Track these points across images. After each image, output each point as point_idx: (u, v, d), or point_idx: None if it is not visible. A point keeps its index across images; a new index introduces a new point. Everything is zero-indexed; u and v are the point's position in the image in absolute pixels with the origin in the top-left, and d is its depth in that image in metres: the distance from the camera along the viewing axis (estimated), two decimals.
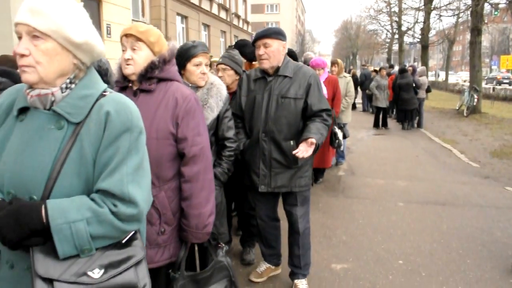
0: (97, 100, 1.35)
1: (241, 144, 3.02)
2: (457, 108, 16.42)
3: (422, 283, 3.35)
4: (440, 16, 22.34)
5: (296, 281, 3.19)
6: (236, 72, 3.41)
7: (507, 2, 18.04)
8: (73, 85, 1.35)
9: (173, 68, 2.17)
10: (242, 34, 32.09)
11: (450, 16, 23.78)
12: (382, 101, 11.95)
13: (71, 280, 1.22)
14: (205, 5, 23.57)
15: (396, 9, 31.46)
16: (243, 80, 3.16)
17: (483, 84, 21.92)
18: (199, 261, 2.69)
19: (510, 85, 32.74)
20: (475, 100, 14.63)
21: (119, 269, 1.28)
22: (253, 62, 4.06)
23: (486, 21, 18.95)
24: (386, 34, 38.52)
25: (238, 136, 3.01)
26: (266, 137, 2.96)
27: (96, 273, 1.25)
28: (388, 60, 38.30)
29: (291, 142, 2.92)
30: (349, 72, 16.17)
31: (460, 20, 27.31)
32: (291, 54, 4.30)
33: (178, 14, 20.22)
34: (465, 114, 14.87)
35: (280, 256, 3.42)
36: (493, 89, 24.25)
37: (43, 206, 1.22)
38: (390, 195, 5.76)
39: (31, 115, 1.34)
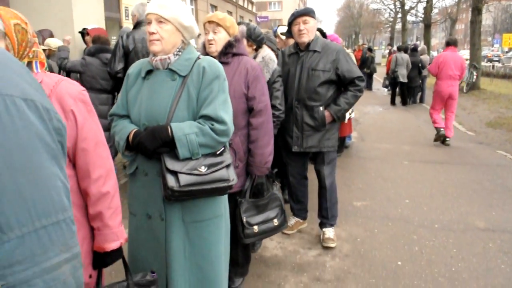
0: (195, 61, 2.03)
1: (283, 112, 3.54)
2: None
3: (424, 214, 4.33)
4: None
5: (324, 229, 3.68)
6: (272, 50, 4.19)
7: None
8: (180, 53, 2.01)
9: (242, 46, 2.98)
10: (247, 14, 32.62)
11: None
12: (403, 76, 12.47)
13: (187, 172, 1.87)
14: None
15: None
16: (278, 55, 3.66)
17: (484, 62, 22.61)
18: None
19: (499, 62, 33.04)
20: (475, 77, 15.47)
21: (216, 168, 1.93)
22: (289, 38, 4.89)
23: (488, 0, 19.63)
24: (389, 13, 38.91)
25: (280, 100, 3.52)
26: (299, 104, 3.45)
27: (203, 169, 1.90)
28: (391, 39, 38.74)
29: (321, 108, 3.42)
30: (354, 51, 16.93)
31: None
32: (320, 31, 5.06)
33: None
34: (464, 91, 15.70)
35: (307, 211, 3.92)
36: (493, 66, 24.89)
37: (168, 126, 1.89)
38: (396, 155, 6.73)
39: (154, 74, 2.02)
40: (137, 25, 4.35)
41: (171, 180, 1.83)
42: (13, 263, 0.75)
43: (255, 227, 2.74)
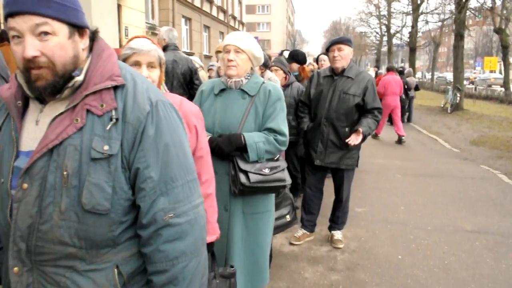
0: (261, 84, 2.52)
1: (305, 124, 3.95)
2: (442, 105, 18.08)
3: (418, 218, 4.88)
4: (427, 22, 23.84)
5: (333, 232, 4.13)
6: (284, 72, 4.77)
7: (489, 8, 19.82)
8: (249, 77, 2.51)
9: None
10: None
11: (436, 22, 25.38)
12: None
13: (256, 172, 2.37)
14: (206, 7, 24.96)
15: (385, 12, 33.13)
16: (314, 76, 4.04)
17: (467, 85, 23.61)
18: None
19: (472, 84, 33.08)
20: (458, 98, 16.34)
21: (276, 170, 2.45)
22: (304, 65, 5.48)
23: (470, 25, 20.73)
24: (375, 36, 40.22)
25: (303, 119, 3.99)
26: (327, 122, 3.78)
27: (267, 171, 2.42)
28: (377, 61, 40.00)
29: (346, 129, 3.73)
30: None
31: (446, 23, 29.04)
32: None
33: (183, 16, 21.56)
34: (449, 111, 16.55)
35: (315, 224, 4.19)
36: (475, 88, 25.98)
37: (242, 135, 2.38)
38: (390, 169, 7.32)
39: (227, 92, 2.50)
40: (165, 48, 4.87)
41: (243, 178, 2.34)
42: (178, 200, 1.20)
43: None
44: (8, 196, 1.14)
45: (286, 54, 5.88)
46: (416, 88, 14.37)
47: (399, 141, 10.09)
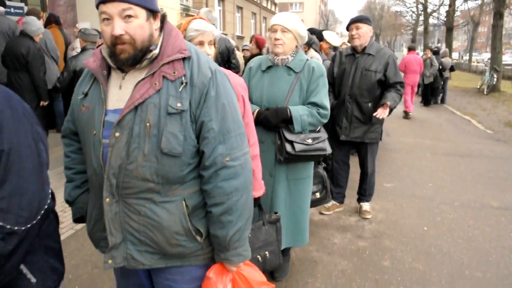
0: (305, 61, 2.75)
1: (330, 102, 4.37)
2: (478, 87, 17.71)
3: (445, 194, 5.04)
4: (466, 0, 23.10)
5: (361, 203, 4.37)
6: (315, 50, 4.84)
7: None
8: (294, 54, 2.73)
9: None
10: (270, 15, 33.31)
11: (475, 0, 24.55)
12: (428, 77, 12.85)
13: (300, 142, 2.63)
14: None
15: None
16: (336, 55, 4.24)
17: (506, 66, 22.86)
18: None
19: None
20: (495, 79, 15.97)
21: (318, 141, 2.70)
22: (322, 42, 5.63)
23: (508, 5, 19.96)
24: (411, 15, 39.21)
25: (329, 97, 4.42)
26: (350, 99, 3.98)
27: (310, 141, 2.67)
28: (413, 41, 39.03)
29: (369, 104, 3.94)
30: None
31: (486, 1, 28.03)
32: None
33: None
34: (485, 93, 16.23)
35: (344, 196, 4.42)
36: None
37: (288, 108, 2.64)
38: (420, 148, 7.43)
39: (274, 69, 2.74)
40: None
41: (288, 147, 2.61)
42: (233, 148, 1.49)
43: None
44: (100, 144, 1.45)
45: (326, 34, 5.97)
46: (452, 69, 14.17)
47: (406, 115, 11.08)
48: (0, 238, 1.19)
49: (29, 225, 1.26)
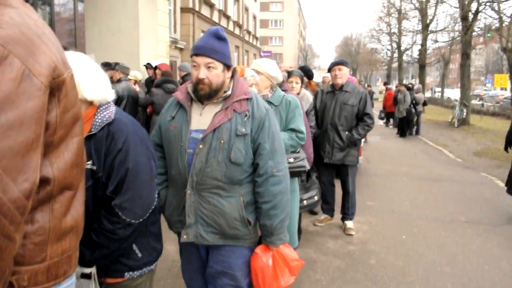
0: (283, 96, 3.49)
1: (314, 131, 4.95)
2: (450, 120, 18.91)
3: (421, 211, 5.78)
4: (436, 41, 24.69)
5: (345, 222, 4.92)
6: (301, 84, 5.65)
7: (495, 29, 20.65)
8: (273, 91, 3.41)
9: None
10: (252, 48, 34.60)
11: (445, 41, 26.20)
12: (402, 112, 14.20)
13: None
14: (223, 22, 26.18)
15: (396, 30, 34.09)
16: (318, 92, 5.02)
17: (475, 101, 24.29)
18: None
19: (481, 100, 33.22)
20: (464, 113, 17.19)
21: (298, 160, 3.41)
22: (311, 80, 6.40)
23: (479, 44, 21.57)
24: (386, 52, 41.13)
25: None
26: (332, 128, 4.70)
27: (292, 160, 3.29)
28: (388, 76, 40.88)
29: (347, 132, 4.66)
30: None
31: (455, 40, 29.81)
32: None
33: (202, 31, 22.74)
34: (456, 126, 17.39)
35: (333, 210, 5.11)
36: (482, 105, 26.67)
37: None
38: (397, 174, 8.23)
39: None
40: None
41: None
42: (278, 162, 2.08)
43: (304, 201, 4.09)
44: (185, 153, 2.08)
45: (315, 74, 6.75)
46: (424, 104, 15.30)
47: None
48: (122, 227, 1.71)
49: (141, 220, 1.76)
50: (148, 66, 7.90)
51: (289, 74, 4.87)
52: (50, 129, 1.12)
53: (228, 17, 27.10)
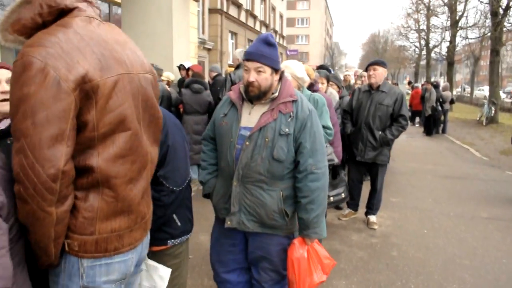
0: (310, 95, 3.77)
1: (348, 129, 5.22)
2: (478, 118, 18.75)
3: (443, 207, 5.97)
4: (466, 37, 24.29)
5: (369, 216, 5.16)
6: (337, 86, 5.97)
7: None
8: (301, 91, 3.77)
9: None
10: (278, 47, 34.82)
11: (475, 38, 25.75)
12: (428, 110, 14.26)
13: None
14: (250, 22, 26.57)
15: (424, 27, 33.61)
16: (355, 91, 5.19)
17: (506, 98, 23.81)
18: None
19: None
20: (493, 111, 17.03)
21: (328, 153, 3.83)
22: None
23: (510, 39, 21.17)
24: (414, 50, 40.58)
25: (347, 125, 5.08)
26: (366, 127, 4.86)
27: None
28: (416, 74, 40.36)
29: (380, 132, 4.80)
30: None
31: (485, 37, 29.23)
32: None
33: (229, 31, 23.15)
34: (484, 124, 17.25)
35: (358, 205, 5.37)
36: None
37: None
38: (422, 172, 8.39)
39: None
40: (238, 66, 6.19)
41: None
42: (318, 161, 2.26)
43: (331, 198, 4.36)
44: (234, 147, 2.33)
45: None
46: (452, 102, 15.25)
47: None
48: (166, 194, 2.05)
49: (180, 188, 2.12)
50: (181, 67, 8.30)
51: None
52: (89, 125, 1.33)
53: (255, 17, 27.45)
